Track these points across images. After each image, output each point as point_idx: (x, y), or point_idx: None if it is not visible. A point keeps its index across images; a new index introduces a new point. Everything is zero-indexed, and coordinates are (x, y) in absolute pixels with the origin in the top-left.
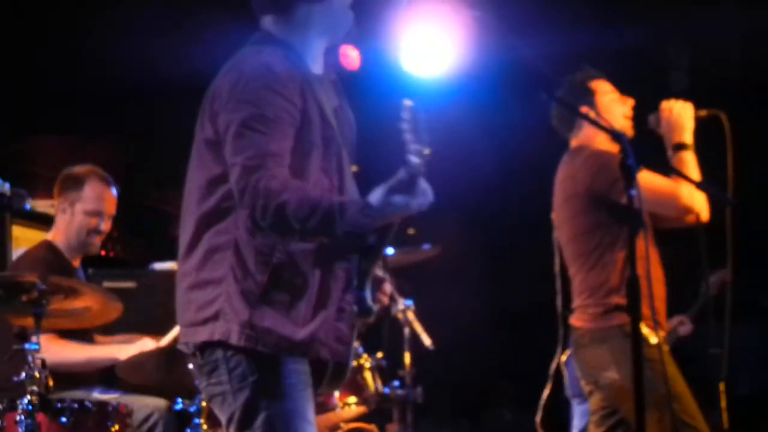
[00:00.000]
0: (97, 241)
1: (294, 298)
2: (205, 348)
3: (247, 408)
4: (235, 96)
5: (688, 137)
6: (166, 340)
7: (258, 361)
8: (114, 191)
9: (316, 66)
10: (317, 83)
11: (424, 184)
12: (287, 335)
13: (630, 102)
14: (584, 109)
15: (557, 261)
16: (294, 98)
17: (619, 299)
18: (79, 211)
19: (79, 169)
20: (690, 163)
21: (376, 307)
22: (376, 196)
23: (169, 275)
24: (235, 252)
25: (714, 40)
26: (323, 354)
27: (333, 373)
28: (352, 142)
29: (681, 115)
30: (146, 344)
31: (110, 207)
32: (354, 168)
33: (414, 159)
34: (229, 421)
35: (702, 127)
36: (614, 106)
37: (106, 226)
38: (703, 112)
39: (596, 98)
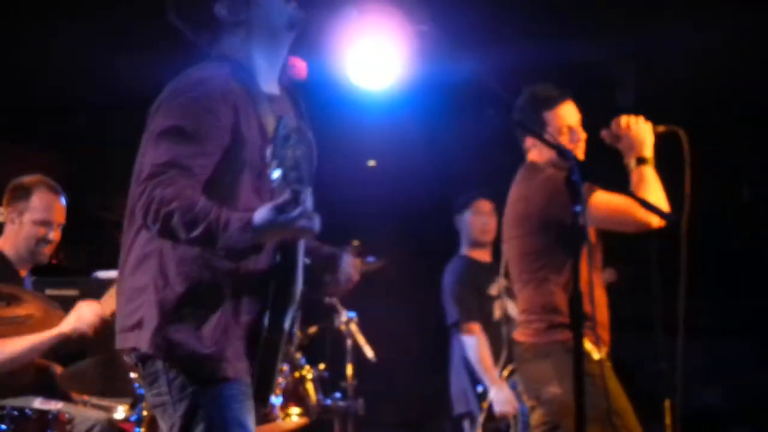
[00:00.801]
0: (46, 250)
1: (207, 314)
2: (146, 359)
3: (187, 418)
4: (163, 107)
5: (648, 152)
6: (106, 303)
7: (195, 370)
8: (63, 200)
9: (270, 84)
10: (266, 102)
11: (309, 210)
12: (196, 350)
13: (579, 120)
14: (538, 125)
15: (502, 272)
16: (223, 116)
17: (562, 319)
18: (27, 220)
19: (27, 179)
20: (651, 178)
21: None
22: (260, 213)
23: (112, 283)
24: (159, 261)
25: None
26: (229, 372)
27: (255, 389)
28: (311, 163)
29: (640, 130)
30: (82, 310)
31: (59, 216)
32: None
33: (275, 173)
34: (170, 431)
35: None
36: (566, 125)
37: (54, 235)
38: (661, 128)
39: (552, 115)
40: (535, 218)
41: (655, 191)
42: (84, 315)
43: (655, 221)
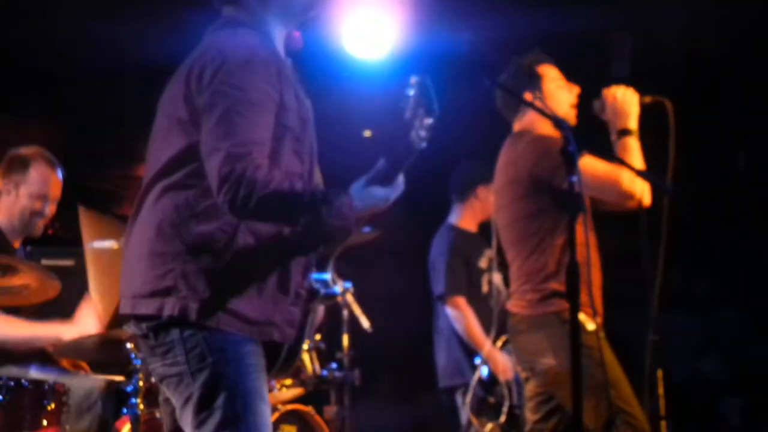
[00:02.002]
0: (40, 223)
1: (255, 280)
2: (159, 329)
3: (206, 389)
4: (218, 78)
5: (632, 123)
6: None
7: (217, 341)
8: (60, 174)
9: (281, 50)
10: (287, 66)
11: (400, 177)
12: (246, 316)
13: (576, 90)
14: (528, 95)
15: (494, 245)
16: (274, 82)
17: (557, 285)
18: (23, 193)
19: (25, 150)
20: (634, 149)
21: (339, 289)
22: (357, 188)
23: (108, 254)
24: (195, 227)
25: (657, 29)
26: (276, 337)
27: (285, 358)
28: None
29: (626, 101)
30: (89, 327)
31: (55, 190)
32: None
33: (422, 134)
34: (186, 402)
35: (645, 114)
36: (560, 93)
37: (50, 209)
38: (647, 99)
39: (543, 83)
40: (525, 181)
41: (637, 163)
42: (88, 329)
43: (639, 193)
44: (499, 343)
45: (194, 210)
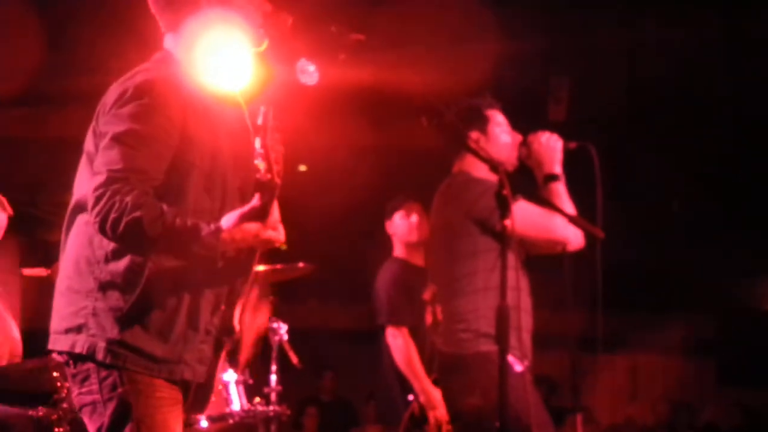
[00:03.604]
0: None
1: (164, 317)
2: (77, 358)
3: (116, 419)
4: (113, 110)
5: (557, 168)
6: None
7: (129, 372)
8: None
9: (221, 82)
10: (213, 102)
11: (276, 220)
12: (154, 355)
13: (518, 137)
14: (473, 136)
15: (430, 287)
16: (174, 118)
17: (488, 327)
18: None
19: None
20: (561, 194)
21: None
22: (228, 221)
23: (37, 281)
24: (105, 265)
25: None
26: (187, 375)
27: (196, 394)
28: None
29: (549, 147)
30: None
31: None
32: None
33: (261, 167)
34: (98, 430)
35: (573, 159)
36: (503, 138)
37: None
38: (572, 144)
39: (488, 126)
40: (462, 221)
41: (567, 208)
42: None
43: (572, 238)
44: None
45: (106, 247)
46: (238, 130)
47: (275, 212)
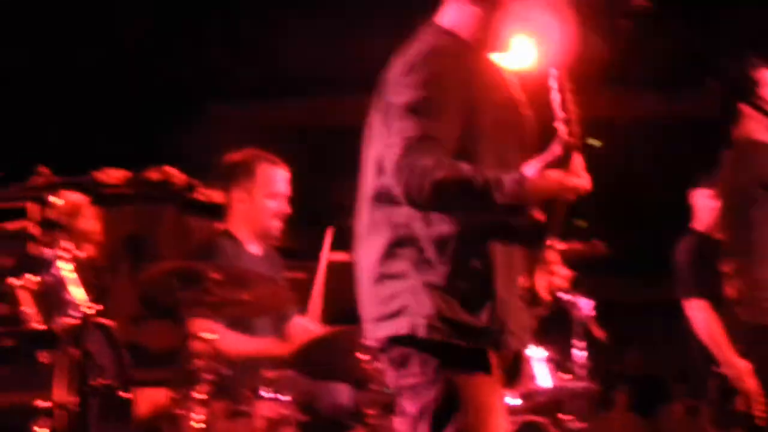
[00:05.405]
0: (278, 224)
1: (477, 285)
2: (395, 341)
3: (441, 400)
4: (402, 80)
5: None
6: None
7: (451, 353)
8: (284, 171)
9: (502, 57)
10: (493, 71)
11: (581, 169)
12: (474, 325)
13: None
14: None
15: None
16: (460, 86)
17: None
18: (257, 197)
19: (243, 155)
20: None
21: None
22: (530, 169)
23: (341, 267)
24: (416, 244)
25: None
26: (513, 343)
27: (513, 365)
28: (531, 132)
29: None
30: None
31: (285, 187)
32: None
33: (561, 128)
34: (421, 413)
35: None
36: None
37: (285, 207)
38: None
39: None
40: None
41: None
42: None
43: None
44: None
45: (412, 225)
46: (514, 99)
47: (578, 161)
